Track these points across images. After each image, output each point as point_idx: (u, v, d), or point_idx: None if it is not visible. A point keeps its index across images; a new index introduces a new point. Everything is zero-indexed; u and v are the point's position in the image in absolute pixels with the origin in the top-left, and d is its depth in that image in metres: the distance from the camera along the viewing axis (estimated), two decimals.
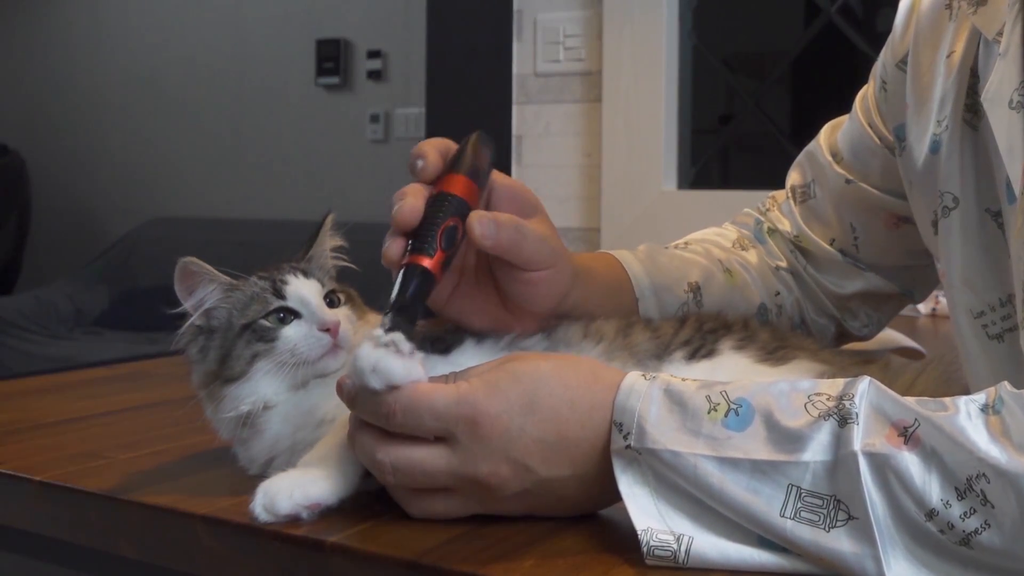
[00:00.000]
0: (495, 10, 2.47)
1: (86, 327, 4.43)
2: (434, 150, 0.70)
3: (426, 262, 0.65)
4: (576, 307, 0.77)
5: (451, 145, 0.72)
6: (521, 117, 2.46)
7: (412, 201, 0.67)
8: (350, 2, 4.69)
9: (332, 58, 4.73)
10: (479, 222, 0.68)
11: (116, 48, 5.31)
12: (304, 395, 0.71)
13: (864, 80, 1.02)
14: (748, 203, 1.10)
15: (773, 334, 0.81)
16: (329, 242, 0.78)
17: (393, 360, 0.59)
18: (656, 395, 0.59)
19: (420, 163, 0.70)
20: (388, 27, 4.55)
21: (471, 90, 2.54)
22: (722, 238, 1.03)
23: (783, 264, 1.01)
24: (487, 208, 0.73)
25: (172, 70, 5.13)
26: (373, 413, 0.60)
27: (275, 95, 4.87)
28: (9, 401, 1.05)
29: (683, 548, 0.56)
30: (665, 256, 0.93)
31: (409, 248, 0.66)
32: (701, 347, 0.76)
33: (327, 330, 0.70)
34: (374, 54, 4.65)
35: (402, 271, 0.65)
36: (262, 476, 0.69)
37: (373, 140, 4.68)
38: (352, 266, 0.79)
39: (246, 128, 4.97)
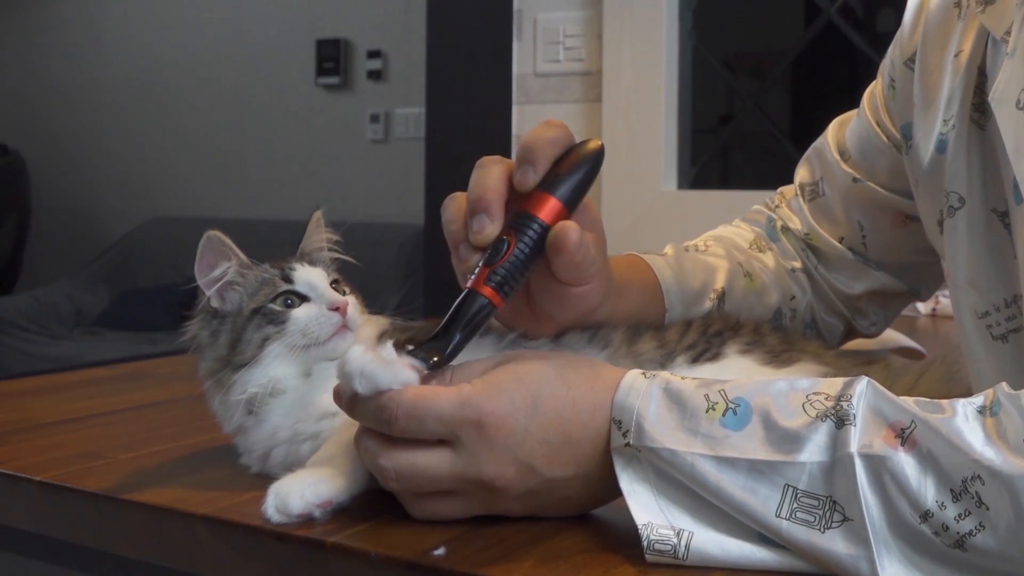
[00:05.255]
0: (495, 10, 2.47)
1: (86, 327, 4.44)
2: (548, 159, 0.66)
3: (493, 295, 0.63)
4: (602, 320, 0.76)
5: (567, 140, 0.67)
6: (521, 117, 2.46)
7: (495, 228, 0.65)
8: (350, 2, 4.69)
9: (332, 58, 4.74)
10: (578, 246, 0.65)
11: (116, 48, 5.31)
12: (307, 387, 0.71)
13: (864, 80, 1.02)
14: (748, 203, 1.09)
15: (781, 338, 0.80)
16: (322, 235, 0.78)
17: (380, 365, 0.59)
18: (655, 393, 0.59)
19: (530, 175, 0.66)
20: (388, 27, 4.55)
21: (471, 90, 2.54)
22: (739, 238, 1.02)
23: (798, 265, 1.01)
24: None
25: (172, 70, 5.13)
26: (374, 419, 0.60)
27: (275, 95, 4.88)
28: (9, 401, 1.05)
29: (683, 543, 0.56)
30: (690, 261, 0.92)
31: (481, 273, 0.63)
32: (706, 351, 0.76)
33: (336, 309, 0.71)
34: (374, 54, 4.65)
35: (464, 296, 0.63)
36: (264, 475, 0.70)
37: (373, 140, 4.68)
38: (348, 259, 0.79)
39: (246, 128, 4.97)
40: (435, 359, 0.61)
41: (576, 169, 0.67)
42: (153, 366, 1.26)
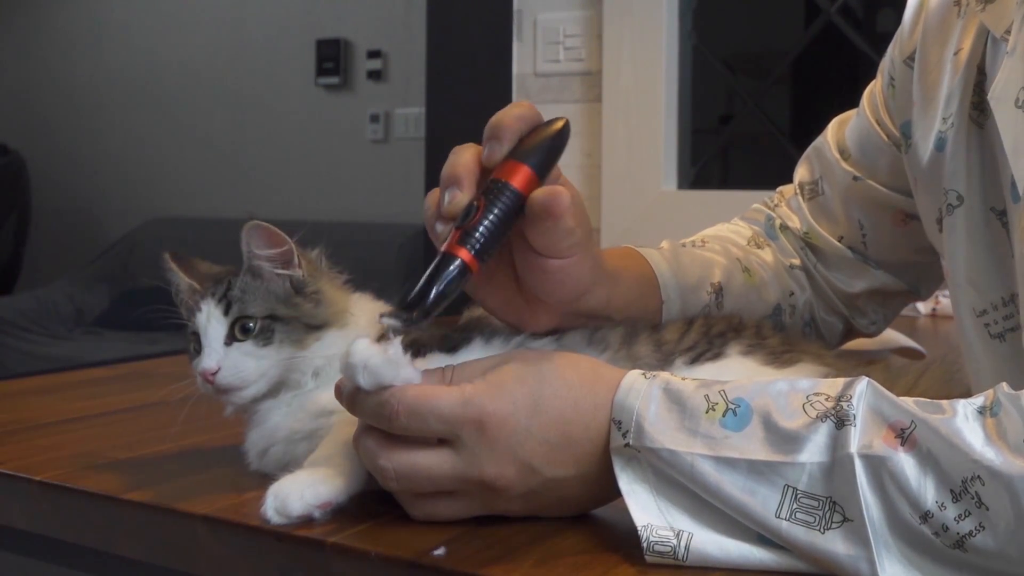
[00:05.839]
0: (495, 10, 2.47)
1: (86, 327, 4.43)
2: (514, 133, 0.66)
3: (467, 256, 0.62)
4: (598, 308, 0.76)
5: (534, 117, 0.68)
6: None
7: (465, 197, 0.65)
8: (350, 2, 4.69)
9: (332, 58, 4.73)
10: (560, 201, 0.64)
11: (116, 48, 5.31)
12: (303, 388, 0.71)
13: (864, 79, 1.02)
14: (748, 203, 1.09)
15: (783, 339, 0.80)
16: (256, 250, 0.71)
17: (384, 360, 0.59)
18: (655, 394, 0.59)
19: (497, 149, 0.66)
20: (388, 27, 4.55)
21: (471, 90, 2.54)
22: (737, 235, 1.02)
23: (796, 262, 1.01)
24: None
25: (172, 70, 5.13)
26: (375, 415, 0.60)
27: (275, 95, 4.87)
28: (9, 401, 1.05)
29: (683, 544, 0.56)
30: (687, 256, 0.92)
31: (454, 235, 0.63)
32: (707, 351, 0.75)
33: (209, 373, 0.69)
34: (374, 54, 4.65)
35: (439, 259, 0.62)
36: (260, 472, 0.70)
37: (373, 140, 4.68)
38: (297, 273, 0.72)
39: (246, 128, 4.97)
40: (414, 314, 0.60)
41: (542, 141, 0.67)
42: (153, 366, 1.25)
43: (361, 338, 0.60)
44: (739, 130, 2.77)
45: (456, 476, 0.60)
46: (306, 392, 0.71)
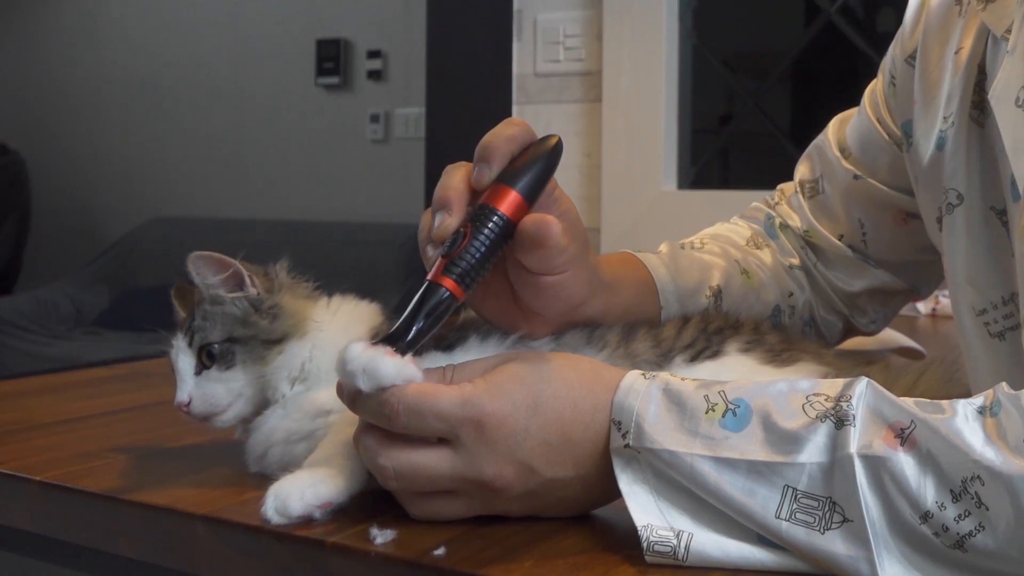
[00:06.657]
0: (495, 10, 2.47)
1: (86, 327, 4.43)
2: (503, 156, 0.66)
3: (451, 285, 0.62)
4: (596, 316, 0.76)
5: (526, 137, 0.68)
6: (521, 117, 2.46)
7: (455, 221, 0.65)
8: (350, 2, 4.69)
9: (332, 58, 4.74)
10: (560, 238, 0.65)
11: (116, 48, 5.31)
12: (297, 389, 0.71)
13: (864, 79, 1.02)
14: (748, 203, 1.09)
15: (782, 338, 0.80)
16: (211, 280, 0.72)
17: (383, 361, 0.59)
18: (655, 394, 0.59)
19: (486, 172, 0.66)
20: (388, 27, 4.55)
21: (471, 90, 2.54)
22: (736, 235, 1.02)
23: (796, 262, 1.01)
24: None
25: (172, 70, 5.13)
26: (375, 414, 0.60)
27: (275, 95, 4.88)
28: (9, 401, 1.05)
29: (683, 545, 0.56)
30: (686, 259, 0.92)
31: (440, 264, 0.63)
32: (705, 348, 0.75)
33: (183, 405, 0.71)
34: (374, 54, 4.66)
35: (425, 288, 0.62)
36: (262, 475, 0.70)
37: (373, 140, 4.68)
38: (250, 293, 0.72)
39: (246, 128, 4.97)
40: (397, 346, 0.60)
41: (533, 163, 0.67)
42: (153, 366, 1.25)
43: (356, 342, 0.60)
44: (739, 130, 2.77)
45: (455, 475, 0.60)
46: (297, 395, 0.71)
